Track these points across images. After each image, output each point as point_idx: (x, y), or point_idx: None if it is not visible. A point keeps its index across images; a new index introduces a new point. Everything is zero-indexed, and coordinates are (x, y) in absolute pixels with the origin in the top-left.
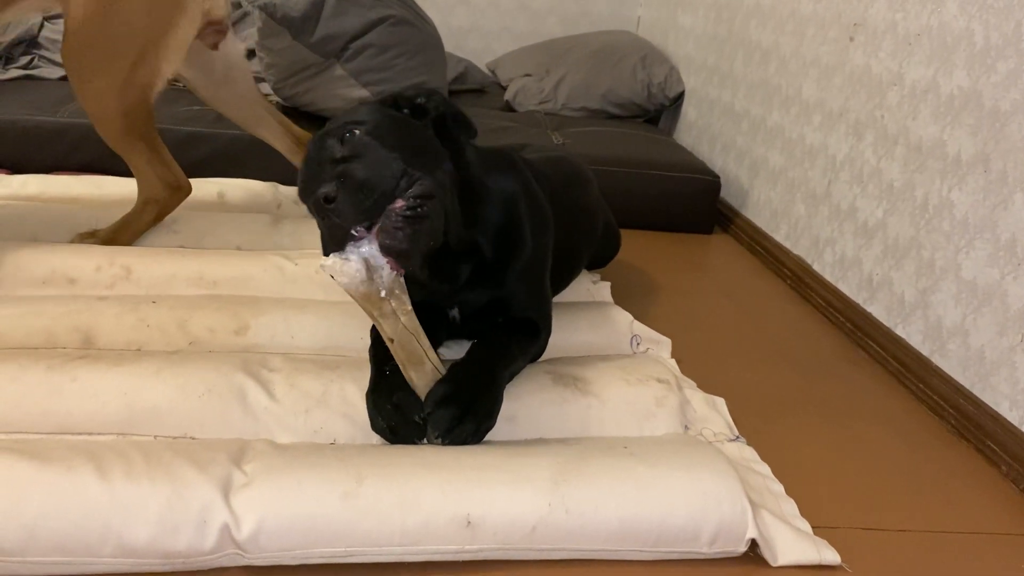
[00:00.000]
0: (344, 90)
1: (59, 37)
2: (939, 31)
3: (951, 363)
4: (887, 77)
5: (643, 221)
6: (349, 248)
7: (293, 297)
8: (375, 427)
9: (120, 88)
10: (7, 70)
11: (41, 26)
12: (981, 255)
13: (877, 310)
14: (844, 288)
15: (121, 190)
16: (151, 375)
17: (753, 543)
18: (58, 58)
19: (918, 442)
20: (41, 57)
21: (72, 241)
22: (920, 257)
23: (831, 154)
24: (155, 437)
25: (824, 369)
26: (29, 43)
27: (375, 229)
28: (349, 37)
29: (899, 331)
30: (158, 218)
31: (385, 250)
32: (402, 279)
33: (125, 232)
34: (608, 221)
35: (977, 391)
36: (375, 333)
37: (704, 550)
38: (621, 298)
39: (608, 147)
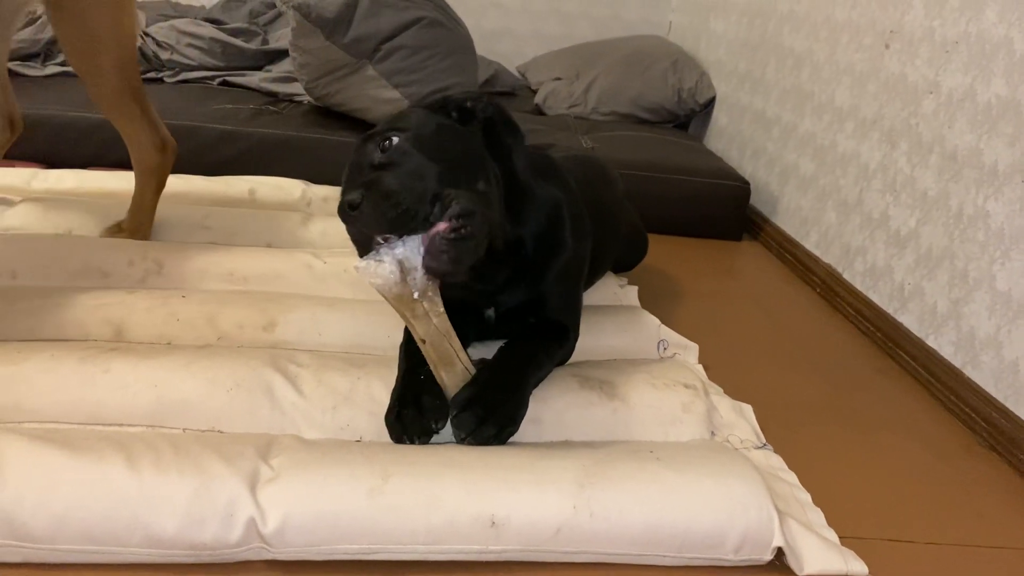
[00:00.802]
0: (375, 91)
1: None
2: (977, 38)
3: (984, 375)
4: (923, 85)
5: (671, 226)
6: (383, 250)
7: (321, 295)
8: (387, 416)
9: (114, 44)
10: (45, 66)
11: None
12: (1017, 266)
13: (908, 320)
14: (875, 297)
15: None
16: (181, 368)
17: (779, 552)
18: None
19: (948, 454)
20: None
21: (101, 235)
22: (953, 267)
23: (863, 162)
24: (184, 430)
25: (853, 378)
26: None
27: (415, 237)
28: (382, 38)
29: (930, 342)
30: (159, 187)
31: (431, 272)
32: (437, 283)
33: (140, 214)
34: (634, 224)
35: (1011, 404)
36: (407, 332)
37: (730, 557)
38: (648, 302)
39: (637, 151)
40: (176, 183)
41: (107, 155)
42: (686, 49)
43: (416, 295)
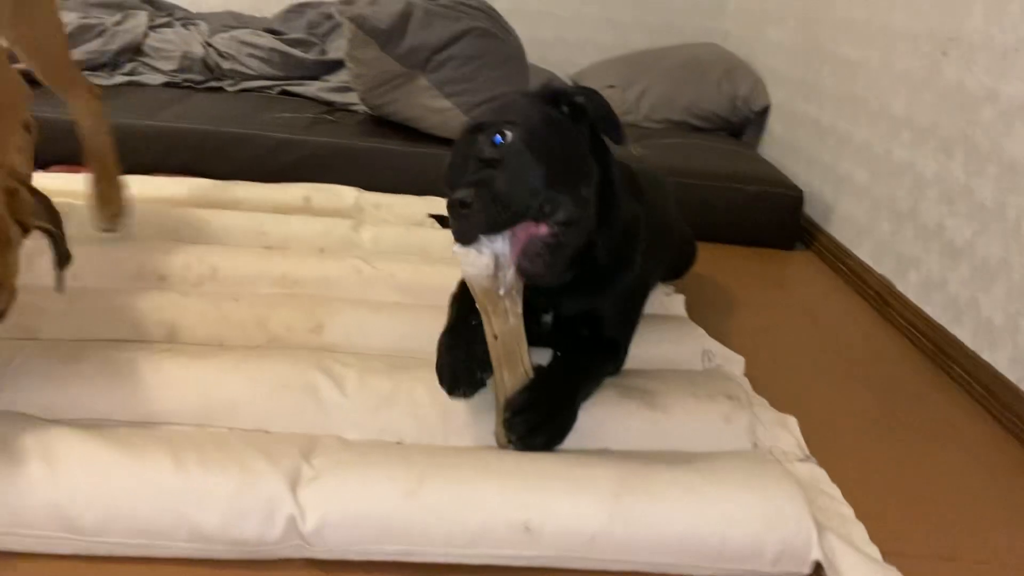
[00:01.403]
0: (428, 100)
1: (162, 45)
2: None
3: None
4: (981, 93)
5: (723, 234)
6: (484, 240)
7: (369, 299)
8: (438, 367)
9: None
10: (112, 76)
11: (146, 35)
12: None
13: (963, 333)
14: (929, 310)
15: (215, 192)
16: (230, 369)
17: (818, 565)
18: (162, 65)
19: (1001, 471)
20: (144, 64)
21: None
22: (1011, 280)
23: (919, 171)
24: (230, 429)
25: (904, 391)
26: (134, 51)
27: (512, 233)
28: (434, 48)
29: (985, 356)
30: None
31: (523, 272)
32: (522, 284)
33: (110, 167)
34: (683, 232)
35: None
36: (462, 284)
37: (767, 569)
38: (696, 312)
39: (689, 159)
40: (236, 190)
41: (168, 161)
42: (741, 57)
43: (502, 291)
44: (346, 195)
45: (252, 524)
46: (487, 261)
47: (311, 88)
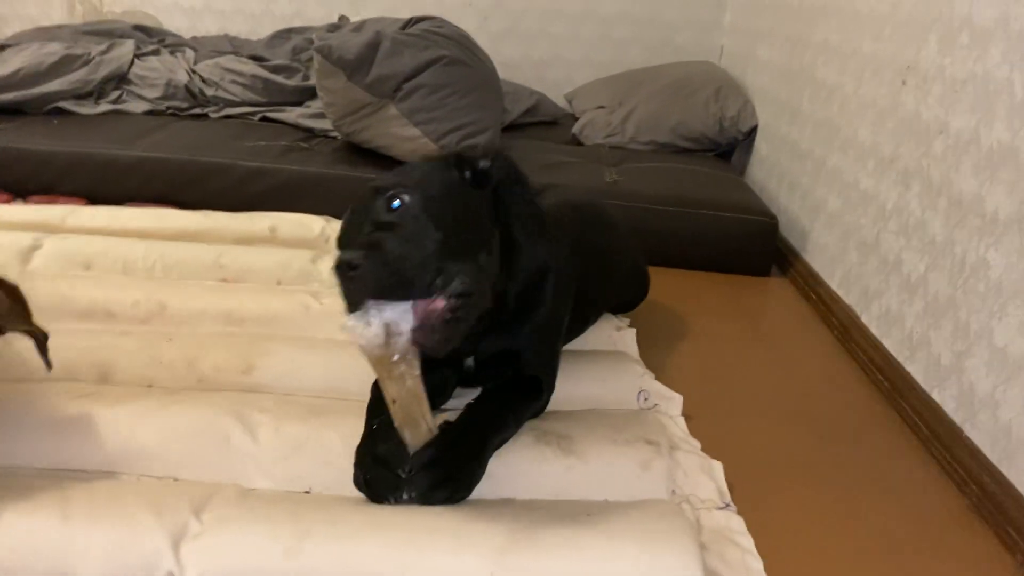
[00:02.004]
0: (398, 129)
1: (147, 73)
2: (983, 79)
3: (981, 435)
4: (935, 124)
5: (696, 262)
6: (373, 311)
7: (315, 335)
8: (355, 482)
9: None
10: (98, 104)
11: (131, 63)
12: (1013, 321)
13: (916, 370)
14: (888, 344)
15: (182, 222)
16: (145, 415)
17: None
18: (147, 93)
19: (931, 519)
20: (130, 92)
21: None
22: (957, 318)
23: (881, 202)
24: (139, 477)
25: (850, 432)
26: (120, 80)
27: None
28: (402, 78)
29: (935, 395)
30: None
31: (420, 345)
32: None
33: None
34: (635, 265)
35: (1003, 467)
36: (375, 388)
37: None
38: (651, 343)
39: (662, 185)
40: (200, 220)
41: (145, 190)
42: (734, 75)
43: (396, 357)
44: (313, 225)
45: None
46: (376, 331)
47: (291, 115)
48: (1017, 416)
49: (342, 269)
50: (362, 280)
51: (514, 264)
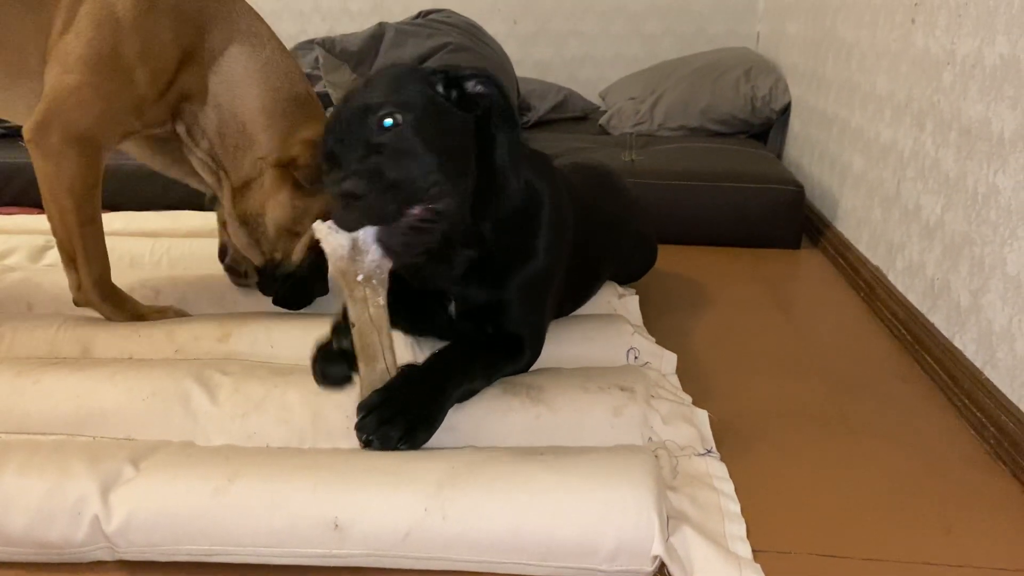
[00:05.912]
0: None
1: None
2: None
3: (1000, 374)
4: (943, 56)
5: (721, 237)
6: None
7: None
8: (311, 362)
9: None
10: None
11: None
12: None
13: (938, 320)
14: (911, 297)
15: (196, 222)
16: (105, 379)
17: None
18: None
19: (943, 466)
20: None
21: None
22: (972, 255)
23: (900, 150)
24: (94, 438)
25: (864, 386)
26: None
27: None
28: None
29: (956, 341)
30: None
31: (382, 246)
32: (386, 274)
33: None
34: (642, 234)
35: (1023, 404)
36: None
37: (603, 567)
38: (664, 312)
39: (682, 162)
40: (213, 219)
41: (164, 198)
42: (769, 58)
43: (360, 278)
44: None
45: (58, 526)
46: (341, 241)
47: None
48: None
49: (345, 198)
50: (367, 210)
51: (491, 202)
